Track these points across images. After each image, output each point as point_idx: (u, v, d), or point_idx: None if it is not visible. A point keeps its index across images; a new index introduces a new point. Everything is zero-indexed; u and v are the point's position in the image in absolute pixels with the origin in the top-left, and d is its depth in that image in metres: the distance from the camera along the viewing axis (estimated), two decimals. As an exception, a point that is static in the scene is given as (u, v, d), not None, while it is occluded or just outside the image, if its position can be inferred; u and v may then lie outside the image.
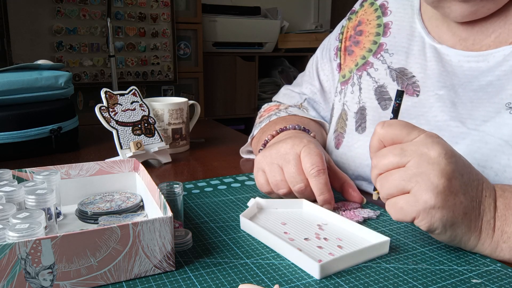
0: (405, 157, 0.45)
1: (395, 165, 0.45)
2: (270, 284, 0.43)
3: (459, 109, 0.60)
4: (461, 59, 0.63)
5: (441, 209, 0.43)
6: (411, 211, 0.44)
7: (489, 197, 0.46)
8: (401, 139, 0.46)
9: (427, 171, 0.43)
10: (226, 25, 2.65)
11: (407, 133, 0.46)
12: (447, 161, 0.44)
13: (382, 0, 0.76)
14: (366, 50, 0.75)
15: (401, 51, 0.70)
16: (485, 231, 0.46)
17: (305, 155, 0.58)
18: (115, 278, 0.43)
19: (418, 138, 0.45)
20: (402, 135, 0.46)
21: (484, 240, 0.46)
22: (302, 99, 0.88)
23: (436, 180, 0.43)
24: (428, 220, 0.44)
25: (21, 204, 0.51)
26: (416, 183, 0.44)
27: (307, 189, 0.58)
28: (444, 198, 0.43)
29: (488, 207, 0.46)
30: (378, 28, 0.75)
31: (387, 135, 0.47)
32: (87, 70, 2.27)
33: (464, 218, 0.45)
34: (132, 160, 0.64)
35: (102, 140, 1.05)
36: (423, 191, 0.43)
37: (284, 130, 0.73)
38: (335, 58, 0.82)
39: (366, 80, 0.73)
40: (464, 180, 0.45)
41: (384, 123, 0.47)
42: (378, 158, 0.47)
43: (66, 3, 2.16)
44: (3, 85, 0.90)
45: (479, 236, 0.46)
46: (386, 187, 0.46)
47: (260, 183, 0.63)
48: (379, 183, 0.47)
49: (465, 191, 0.44)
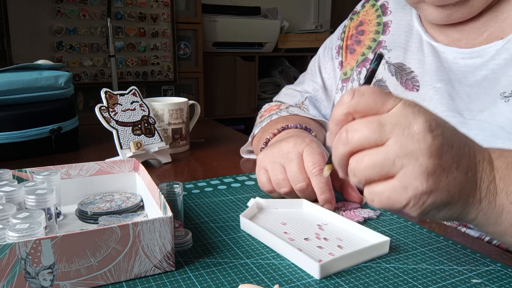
0: (384, 134, 0.38)
1: (372, 143, 0.38)
2: (270, 284, 0.43)
3: (456, 102, 0.61)
4: (456, 56, 0.64)
5: (434, 192, 0.38)
6: (400, 200, 0.38)
7: (483, 161, 0.41)
8: (376, 110, 0.39)
9: (413, 150, 0.37)
10: (226, 25, 2.65)
11: (381, 103, 0.39)
12: (434, 134, 0.37)
13: (383, 1, 0.78)
14: (366, 47, 0.77)
15: (399, 47, 0.71)
16: (485, 199, 0.40)
17: (307, 154, 0.59)
18: (115, 278, 0.43)
19: (395, 108, 0.38)
20: (376, 105, 0.39)
21: (487, 209, 0.41)
22: (303, 98, 0.88)
23: (425, 161, 0.37)
24: (419, 206, 0.38)
25: (21, 204, 0.51)
26: (401, 166, 0.37)
27: (308, 188, 0.59)
28: (436, 179, 0.37)
29: (484, 172, 0.41)
30: (378, 27, 0.76)
31: (358, 106, 0.39)
32: (87, 70, 2.27)
33: (460, 194, 0.39)
34: (132, 160, 0.64)
35: (102, 140, 1.05)
36: (412, 176, 0.37)
37: (286, 128, 0.74)
38: (337, 56, 0.84)
39: (364, 75, 0.74)
40: (455, 150, 0.39)
41: (354, 92, 0.39)
42: (351, 132, 0.39)
43: (66, 3, 2.16)
44: (3, 85, 0.90)
45: (479, 207, 0.41)
46: (363, 170, 0.39)
47: (262, 182, 0.63)
48: (353, 164, 0.40)
49: (458, 163, 0.39)
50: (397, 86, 0.69)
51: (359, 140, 0.38)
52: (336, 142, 0.41)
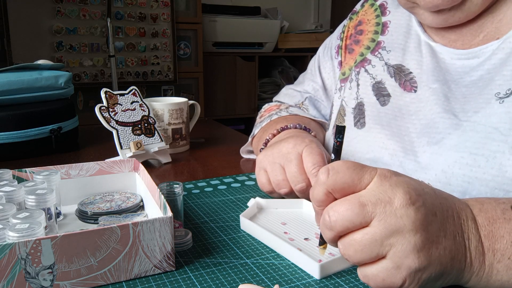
0: (367, 214, 0.37)
1: (357, 226, 0.38)
2: (270, 284, 0.43)
3: (452, 103, 0.61)
4: (453, 56, 0.64)
5: (427, 267, 0.37)
6: (396, 281, 0.38)
7: (467, 219, 0.40)
8: (353, 187, 0.39)
9: (398, 228, 0.37)
10: (226, 25, 2.65)
11: (358, 178, 0.39)
12: (416, 207, 0.37)
13: (382, 0, 0.78)
14: (365, 47, 0.77)
15: (398, 48, 0.71)
16: (476, 260, 0.40)
17: (306, 155, 0.59)
18: (115, 278, 0.43)
19: (372, 183, 0.39)
20: (353, 182, 0.39)
21: (478, 270, 0.40)
22: (303, 98, 0.89)
23: (412, 237, 0.37)
24: (416, 283, 0.38)
25: (21, 204, 0.51)
26: (390, 246, 0.37)
27: (308, 189, 0.59)
28: (427, 254, 0.37)
29: (470, 231, 0.40)
30: (377, 27, 0.76)
31: (336, 185, 0.39)
32: (87, 70, 2.27)
33: (452, 262, 0.39)
34: (132, 160, 0.64)
35: (102, 140, 1.05)
36: (402, 255, 0.37)
37: (285, 129, 0.74)
38: (336, 56, 0.84)
39: (363, 77, 0.74)
40: (439, 218, 0.39)
41: (329, 170, 0.39)
42: (333, 216, 0.39)
43: (66, 3, 2.16)
44: (3, 85, 0.90)
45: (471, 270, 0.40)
46: (353, 255, 0.39)
47: (262, 182, 0.63)
48: (343, 248, 0.39)
49: (445, 231, 0.39)
50: (396, 88, 0.69)
51: (343, 225, 0.38)
52: (322, 226, 0.40)
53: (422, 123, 0.63)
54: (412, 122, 0.64)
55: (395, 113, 0.67)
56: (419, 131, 0.63)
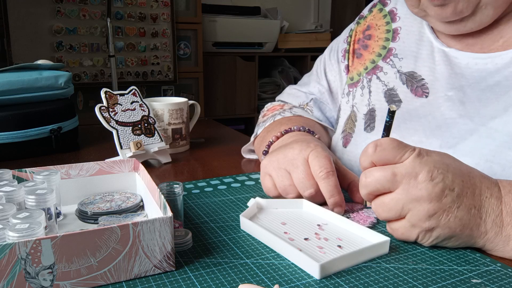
0: (396, 183, 0.47)
1: (386, 189, 0.48)
2: (270, 284, 0.43)
3: (467, 107, 0.61)
4: (469, 61, 0.64)
5: (436, 229, 0.47)
6: (411, 235, 0.48)
7: (491, 197, 0.47)
8: (393, 161, 0.48)
9: (417, 197, 0.46)
10: (226, 25, 2.65)
11: (399, 156, 0.47)
12: (435, 183, 0.46)
13: (391, 7, 0.77)
14: (376, 55, 0.76)
15: (410, 56, 0.71)
16: (491, 231, 0.47)
17: (313, 159, 0.58)
18: (115, 278, 0.43)
19: (408, 159, 0.47)
20: (394, 158, 0.47)
21: (493, 238, 0.47)
22: (308, 99, 0.88)
23: (426, 205, 0.46)
24: (427, 238, 0.48)
25: (21, 204, 0.51)
26: (408, 210, 0.47)
27: (317, 194, 0.58)
28: (437, 219, 0.46)
29: (491, 207, 0.47)
30: (387, 34, 0.76)
31: (380, 160, 0.48)
32: (87, 70, 2.27)
33: (463, 229, 0.47)
34: (132, 160, 0.64)
35: (102, 140, 1.05)
36: (417, 218, 0.47)
37: (289, 131, 0.73)
38: (343, 60, 0.83)
39: (375, 84, 0.74)
40: (456, 193, 0.46)
41: (377, 146, 0.48)
42: (369, 178, 0.48)
43: (66, 3, 2.16)
44: (3, 85, 0.90)
45: (485, 237, 0.47)
46: (382, 213, 0.49)
47: (267, 188, 0.62)
48: (374, 207, 0.50)
49: (459, 203, 0.46)
50: (407, 94, 0.69)
51: (374, 186, 0.48)
52: (360, 184, 0.50)
53: (432, 125, 0.63)
54: (421, 124, 0.65)
55: (405, 117, 0.67)
56: (428, 132, 0.63)
